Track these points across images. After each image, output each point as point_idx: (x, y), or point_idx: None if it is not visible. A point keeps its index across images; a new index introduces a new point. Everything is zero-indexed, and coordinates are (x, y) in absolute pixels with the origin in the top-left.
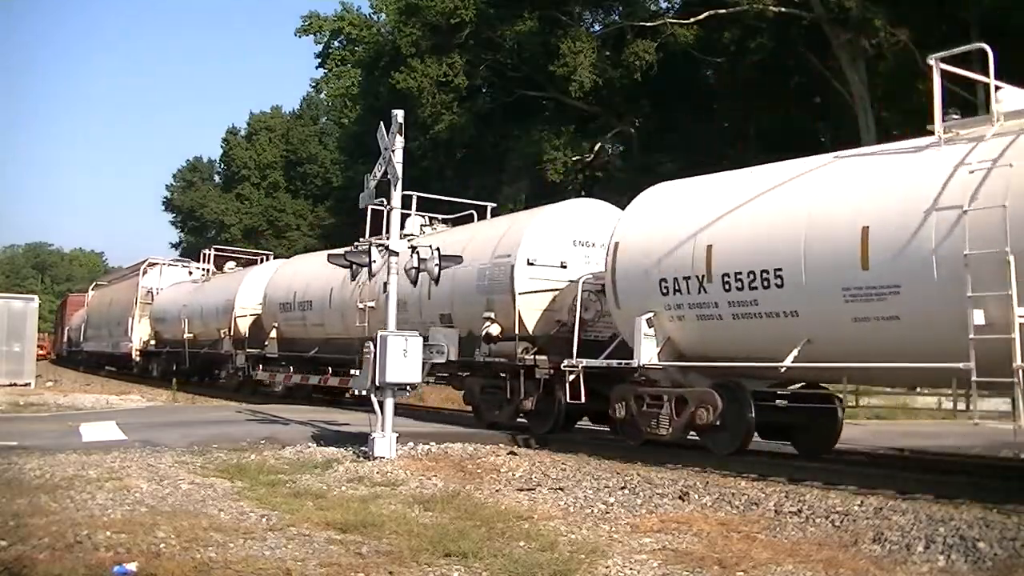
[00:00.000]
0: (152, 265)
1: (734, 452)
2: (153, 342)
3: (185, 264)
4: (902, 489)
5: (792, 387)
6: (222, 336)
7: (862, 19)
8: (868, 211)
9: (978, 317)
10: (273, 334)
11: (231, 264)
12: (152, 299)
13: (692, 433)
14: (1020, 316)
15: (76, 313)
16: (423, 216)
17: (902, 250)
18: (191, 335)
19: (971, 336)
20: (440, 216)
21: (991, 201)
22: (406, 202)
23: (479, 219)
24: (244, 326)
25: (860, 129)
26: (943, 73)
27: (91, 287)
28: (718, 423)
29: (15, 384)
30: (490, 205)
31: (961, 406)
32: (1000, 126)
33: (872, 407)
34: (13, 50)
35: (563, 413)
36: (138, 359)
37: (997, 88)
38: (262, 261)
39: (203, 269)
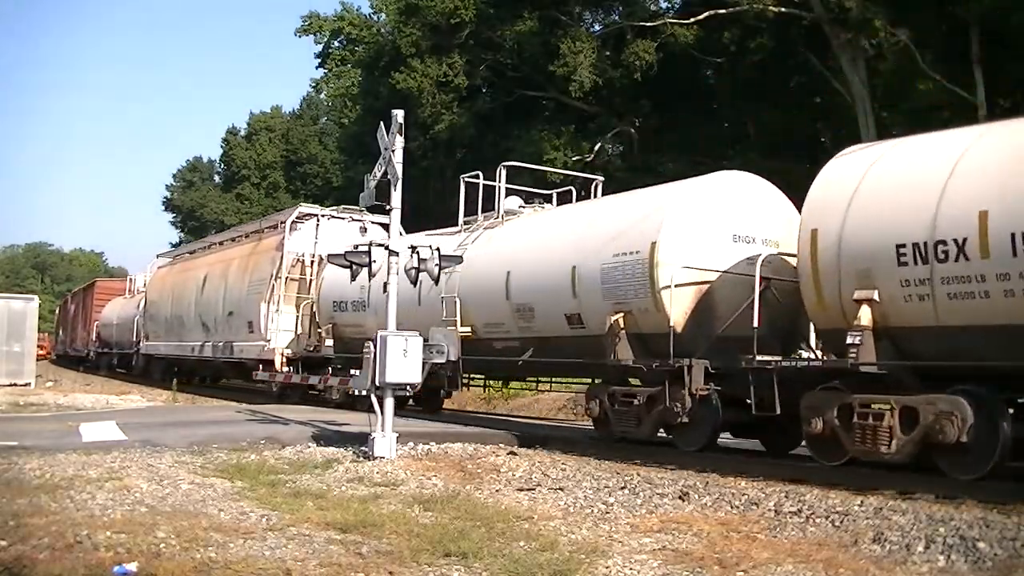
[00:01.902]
0: (304, 218)
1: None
2: (329, 342)
3: (355, 217)
4: (902, 489)
5: None
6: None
7: (862, 19)
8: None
9: None
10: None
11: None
12: (313, 273)
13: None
14: None
15: (112, 305)
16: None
17: None
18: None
19: None
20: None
21: None
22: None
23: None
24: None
25: (860, 129)
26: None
27: (151, 266)
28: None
29: (15, 384)
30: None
31: None
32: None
33: None
34: (13, 50)
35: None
36: (284, 372)
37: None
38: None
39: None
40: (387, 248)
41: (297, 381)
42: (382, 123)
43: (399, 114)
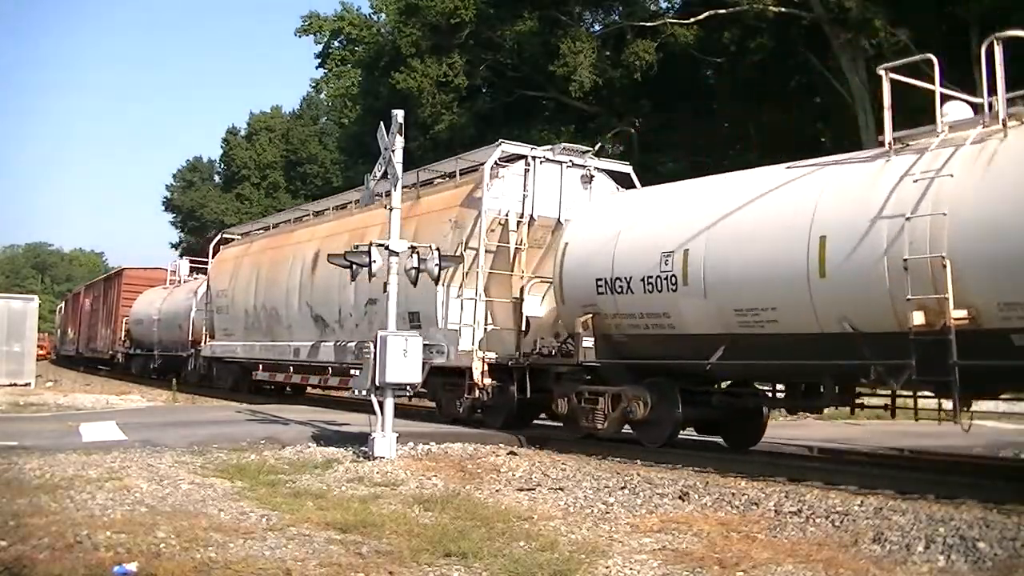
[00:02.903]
0: (508, 161)
1: None
2: (588, 341)
3: (576, 160)
4: (902, 489)
5: None
6: None
7: (862, 19)
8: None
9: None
10: None
11: None
12: (519, 240)
13: None
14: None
15: (147, 298)
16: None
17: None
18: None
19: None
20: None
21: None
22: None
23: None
24: None
25: (860, 129)
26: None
27: (213, 245)
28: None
29: (15, 384)
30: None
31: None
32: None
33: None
34: (13, 50)
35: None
36: (485, 385)
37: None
38: None
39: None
40: (387, 248)
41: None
42: (382, 123)
43: (399, 114)
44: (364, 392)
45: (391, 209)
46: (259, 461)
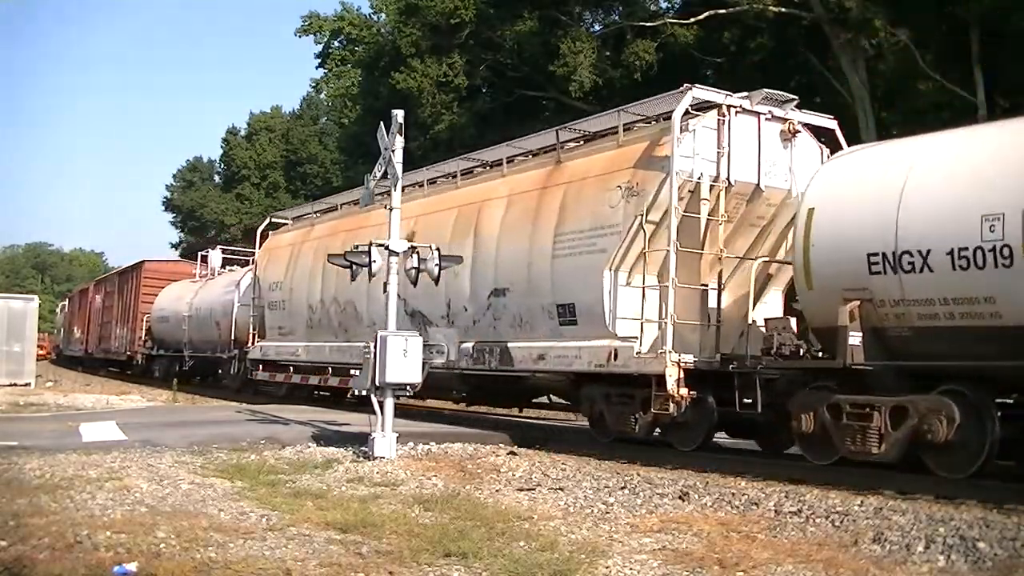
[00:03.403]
0: (699, 111)
1: None
2: (856, 337)
3: (776, 112)
4: (902, 489)
5: None
6: None
7: (862, 19)
8: None
9: None
10: None
11: None
12: (712, 207)
13: None
14: None
15: (172, 292)
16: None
17: None
18: None
19: None
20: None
21: None
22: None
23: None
24: None
25: (860, 129)
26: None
27: (264, 229)
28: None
29: (15, 384)
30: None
31: None
32: None
33: None
34: (13, 50)
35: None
36: (681, 399)
37: None
38: None
39: None
40: (387, 248)
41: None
42: (382, 123)
43: (399, 114)
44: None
45: (391, 209)
46: (259, 461)
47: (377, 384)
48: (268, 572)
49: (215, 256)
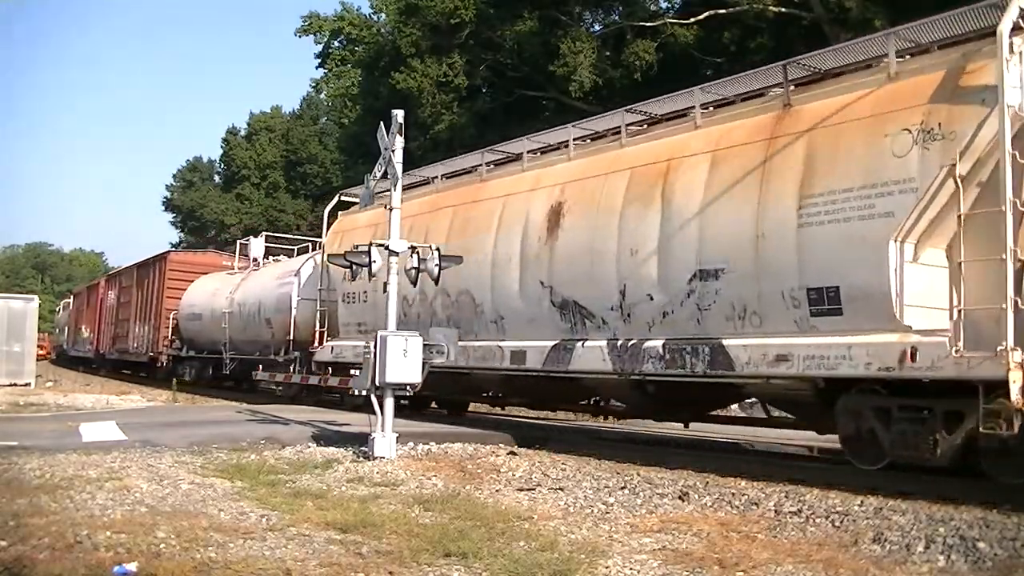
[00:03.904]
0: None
1: None
2: None
3: None
4: (902, 489)
5: None
6: None
7: (862, 19)
8: None
9: None
10: None
11: None
12: None
13: None
14: None
15: (204, 285)
16: None
17: None
18: None
19: None
20: None
21: None
22: None
23: None
24: None
25: None
26: None
27: (333, 209)
28: None
29: (15, 384)
30: None
31: None
32: None
33: None
34: (13, 50)
35: None
36: None
37: None
38: None
39: None
40: (387, 248)
41: None
42: (382, 123)
43: (399, 114)
44: (362, 392)
45: (391, 209)
46: (259, 461)
47: (377, 384)
48: (268, 572)
49: (257, 245)
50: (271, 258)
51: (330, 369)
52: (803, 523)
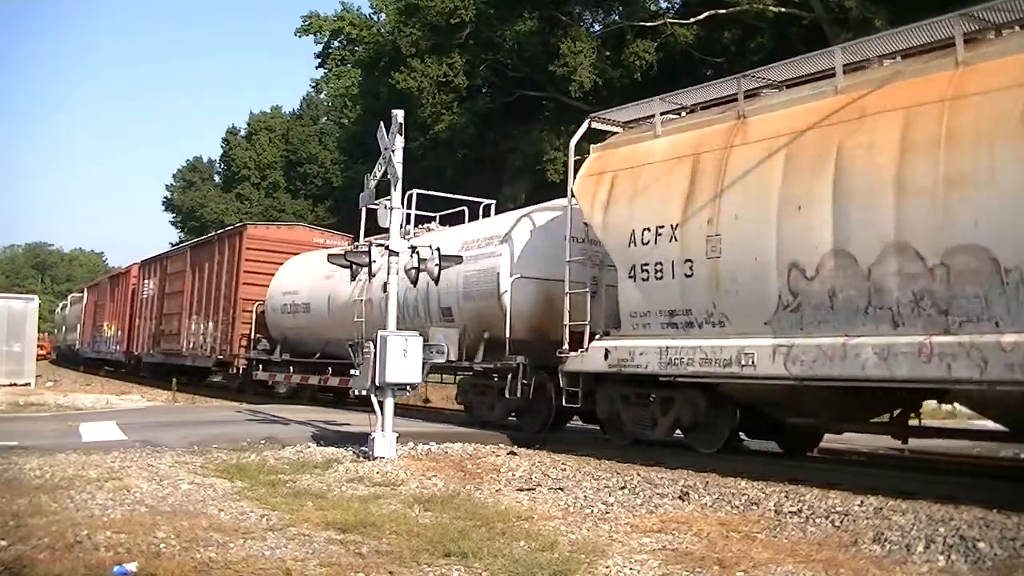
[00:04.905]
0: None
1: None
2: None
3: None
4: (902, 489)
5: None
6: None
7: (862, 19)
8: None
9: None
10: None
11: None
12: None
13: None
14: None
15: (307, 268)
16: None
17: None
18: None
19: None
20: None
21: None
22: None
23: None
24: None
25: None
26: None
27: (579, 139)
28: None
29: (15, 384)
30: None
31: None
32: None
33: None
34: (13, 50)
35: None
36: None
37: None
38: None
39: None
40: (387, 248)
41: None
42: (382, 123)
43: (399, 114)
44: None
45: (391, 209)
46: (259, 461)
47: (377, 384)
48: (268, 572)
49: (396, 214)
50: (422, 226)
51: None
52: (803, 523)
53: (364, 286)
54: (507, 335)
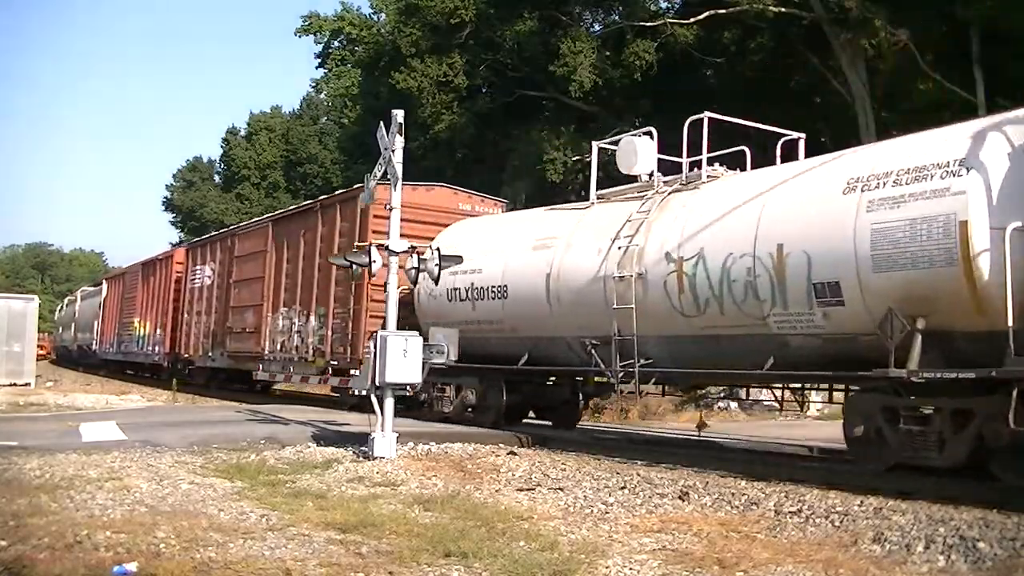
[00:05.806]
0: None
1: None
2: None
3: None
4: (902, 489)
5: None
6: None
7: (862, 19)
8: None
9: None
10: None
11: None
12: None
13: None
14: None
15: (482, 234)
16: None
17: None
18: None
19: None
20: None
21: None
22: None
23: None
24: None
25: (860, 129)
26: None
27: None
28: None
29: (15, 384)
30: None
31: None
32: None
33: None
34: (13, 50)
35: None
36: None
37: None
38: None
39: None
40: (387, 248)
41: None
42: (382, 123)
43: (399, 114)
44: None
45: (391, 209)
46: (259, 461)
47: (377, 384)
48: (268, 572)
49: (646, 146)
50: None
51: None
52: (803, 523)
53: (628, 254)
54: (1012, 324)
